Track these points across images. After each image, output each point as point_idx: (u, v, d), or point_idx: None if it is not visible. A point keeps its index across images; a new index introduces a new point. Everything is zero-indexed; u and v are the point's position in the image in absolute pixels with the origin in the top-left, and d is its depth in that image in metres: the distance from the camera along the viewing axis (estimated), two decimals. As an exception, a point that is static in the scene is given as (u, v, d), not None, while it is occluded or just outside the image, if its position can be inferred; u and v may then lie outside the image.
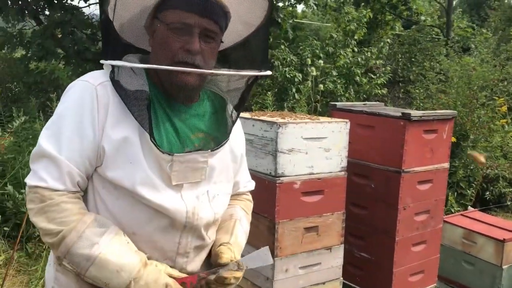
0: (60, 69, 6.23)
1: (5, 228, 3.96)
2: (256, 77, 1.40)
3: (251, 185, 1.70)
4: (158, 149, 1.27)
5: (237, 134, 1.55)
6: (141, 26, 1.38)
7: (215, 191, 1.43)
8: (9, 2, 6.55)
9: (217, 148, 1.38)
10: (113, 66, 1.27)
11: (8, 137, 4.50)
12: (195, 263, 1.43)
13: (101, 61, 1.30)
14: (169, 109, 1.36)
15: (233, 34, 1.44)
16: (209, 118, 1.44)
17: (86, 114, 1.27)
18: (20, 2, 6.53)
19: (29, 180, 1.27)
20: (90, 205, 1.33)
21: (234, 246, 1.47)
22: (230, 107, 1.44)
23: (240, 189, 1.64)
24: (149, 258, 1.33)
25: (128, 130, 1.28)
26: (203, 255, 1.47)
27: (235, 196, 1.64)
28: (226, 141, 1.41)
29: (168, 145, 1.32)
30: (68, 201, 1.26)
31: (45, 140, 1.27)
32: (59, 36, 6.39)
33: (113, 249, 1.25)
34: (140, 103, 1.26)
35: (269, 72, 1.41)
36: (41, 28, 6.57)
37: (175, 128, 1.35)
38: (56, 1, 6.49)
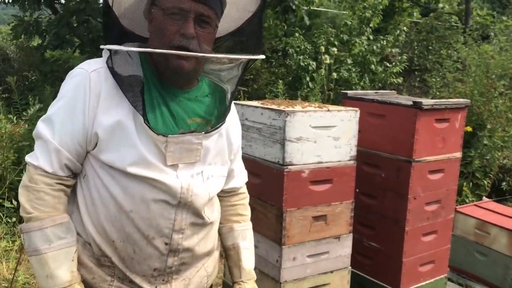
0: (75, 58, 6.28)
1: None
2: (249, 60, 1.43)
3: (245, 175, 1.76)
4: (152, 130, 1.32)
5: (235, 124, 1.61)
6: (140, 13, 1.42)
7: (209, 172, 1.48)
8: (25, -9, 6.62)
9: (212, 131, 1.43)
10: (110, 51, 1.32)
11: (23, 124, 4.57)
12: (192, 240, 1.48)
13: (101, 46, 1.34)
14: (165, 93, 1.40)
15: (229, 21, 1.48)
16: (206, 102, 1.47)
17: (78, 101, 1.34)
18: (36, -9, 6.59)
19: (27, 156, 1.40)
20: (90, 184, 1.40)
21: (244, 277, 1.66)
22: (227, 92, 1.48)
23: (235, 181, 1.69)
24: (146, 236, 1.39)
25: (122, 114, 1.33)
26: (202, 234, 1.51)
27: (232, 195, 1.70)
28: (222, 125, 1.45)
29: (163, 127, 1.37)
30: (48, 193, 1.36)
31: (41, 123, 1.38)
32: (75, 25, 6.43)
33: (57, 257, 1.36)
34: (135, 86, 1.31)
35: (262, 56, 1.44)
36: (57, 17, 6.62)
37: (170, 112, 1.40)
38: (71, -10, 6.52)
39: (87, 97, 1.33)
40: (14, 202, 4.11)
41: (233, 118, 1.57)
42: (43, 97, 5.07)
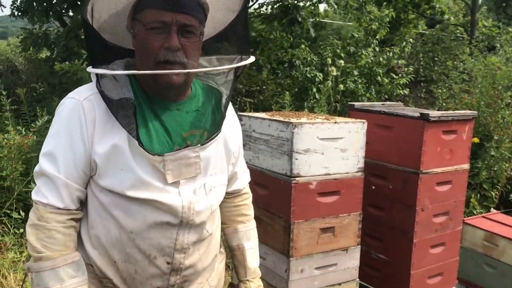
0: (83, 70, 6.34)
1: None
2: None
3: (248, 175, 1.74)
4: (147, 152, 1.30)
5: (232, 126, 1.57)
6: (123, 28, 1.39)
7: (211, 183, 1.46)
8: (34, 4, 6.70)
9: (207, 142, 1.40)
10: (97, 75, 1.30)
11: (31, 136, 4.61)
12: (194, 257, 1.47)
13: (87, 69, 1.33)
14: (158, 108, 1.38)
15: (214, 23, 1.44)
16: (201, 112, 1.44)
17: (75, 131, 1.32)
18: (44, 4, 6.67)
19: (34, 194, 1.36)
20: (90, 207, 1.39)
21: (249, 276, 1.67)
22: (223, 97, 1.46)
23: (239, 183, 1.68)
24: (148, 256, 1.38)
25: (117, 138, 1.32)
26: (202, 249, 1.50)
27: (235, 196, 1.70)
28: (217, 134, 1.43)
29: (158, 145, 1.35)
30: (60, 231, 1.33)
31: (43, 160, 1.35)
32: (82, 37, 6.50)
33: None
34: (126, 110, 1.29)
35: (251, 59, 1.41)
36: (65, 29, 6.70)
37: (165, 128, 1.38)
38: (79, 2, 6.60)
39: (84, 126, 1.32)
40: (22, 213, 4.13)
41: (229, 123, 1.53)
42: (51, 109, 5.12)
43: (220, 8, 1.42)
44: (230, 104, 1.53)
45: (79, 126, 1.32)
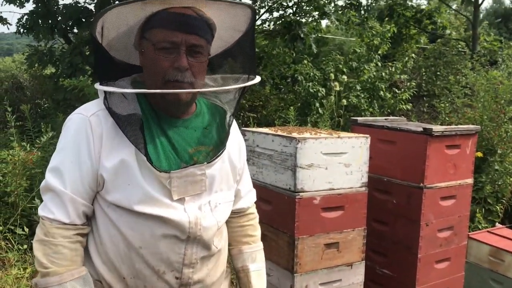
0: (88, 86, 6.40)
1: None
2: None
3: (253, 195, 1.73)
4: (155, 168, 1.32)
5: (236, 142, 1.59)
6: (130, 46, 1.41)
7: (217, 200, 1.47)
8: (40, 22, 6.79)
9: (213, 160, 1.42)
10: (105, 92, 1.32)
11: (36, 152, 4.63)
12: (202, 272, 1.47)
13: (95, 86, 1.35)
14: (165, 125, 1.40)
15: (220, 42, 1.47)
16: (207, 129, 1.47)
17: (82, 146, 1.34)
18: (50, 21, 6.76)
19: (40, 210, 1.37)
20: (99, 223, 1.39)
21: None
22: (227, 115, 1.48)
23: (243, 202, 1.67)
24: (157, 271, 1.38)
25: (124, 153, 1.33)
26: (211, 264, 1.50)
27: (240, 215, 1.69)
28: (223, 151, 1.45)
29: (166, 162, 1.36)
30: (66, 246, 1.34)
31: (50, 175, 1.37)
32: (87, 53, 6.57)
33: None
34: (134, 125, 1.31)
35: (257, 79, 1.43)
36: (70, 47, 6.78)
37: (172, 144, 1.39)
38: (84, 20, 6.69)
39: (91, 141, 1.34)
40: (26, 229, 4.13)
41: (233, 140, 1.55)
42: (55, 125, 5.16)
43: (227, 28, 1.44)
44: (234, 121, 1.54)
45: (86, 141, 1.34)
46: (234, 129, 1.57)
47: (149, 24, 1.33)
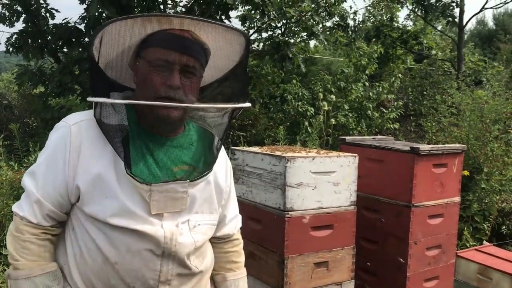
0: (77, 105, 6.39)
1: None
2: (235, 109, 1.46)
3: (239, 221, 1.72)
4: (134, 179, 1.32)
5: (223, 166, 1.59)
6: (125, 65, 1.44)
7: (196, 220, 1.46)
8: (29, 41, 6.79)
9: (197, 179, 1.42)
10: (95, 103, 1.34)
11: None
12: None
13: (88, 99, 1.36)
14: (152, 142, 1.41)
15: (214, 69, 1.50)
16: (193, 149, 1.47)
17: (59, 154, 1.37)
18: (39, 41, 6.77)
19: (14, 205, 1.42)
20: (78, 237, 1.40)
21: None
22: (215, 139, 1.49)
23: (228, 228, 1.66)
24: (132, 287, 1.39)
25: (103, 165, 1.34)
26: (190, 284, 1.49)
27: (225, 241, 1.67)
28: (208, 173, 1.45)
29: (147, 175, 1.36)
30: (34, 242, 1.38)
31: (27, 175, 1.41)
32: (76, 72, 6.57)
33: None
34: (120, 135, 1.33)
35: (248, 104, 1.46)
36: (59, 66, 6.78)
37: (155, 160, 1.40)
38: (73, 40, 6.70)
39: (67, 151, 1.35)
40: (13, 250, 4.06)
41: (221, 163, 1.55)
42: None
43: (221, 54, 1.47)
44: (223, 148, 1.56)
45: (63, 149, 1.35)
46: (222, 153, 1.58)
47: (147, 43, 1.36)
